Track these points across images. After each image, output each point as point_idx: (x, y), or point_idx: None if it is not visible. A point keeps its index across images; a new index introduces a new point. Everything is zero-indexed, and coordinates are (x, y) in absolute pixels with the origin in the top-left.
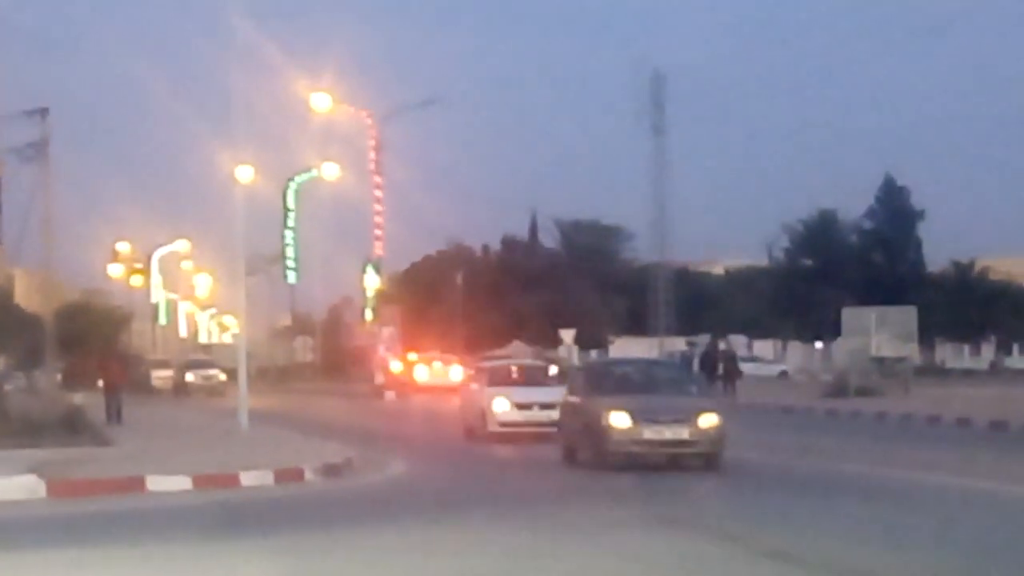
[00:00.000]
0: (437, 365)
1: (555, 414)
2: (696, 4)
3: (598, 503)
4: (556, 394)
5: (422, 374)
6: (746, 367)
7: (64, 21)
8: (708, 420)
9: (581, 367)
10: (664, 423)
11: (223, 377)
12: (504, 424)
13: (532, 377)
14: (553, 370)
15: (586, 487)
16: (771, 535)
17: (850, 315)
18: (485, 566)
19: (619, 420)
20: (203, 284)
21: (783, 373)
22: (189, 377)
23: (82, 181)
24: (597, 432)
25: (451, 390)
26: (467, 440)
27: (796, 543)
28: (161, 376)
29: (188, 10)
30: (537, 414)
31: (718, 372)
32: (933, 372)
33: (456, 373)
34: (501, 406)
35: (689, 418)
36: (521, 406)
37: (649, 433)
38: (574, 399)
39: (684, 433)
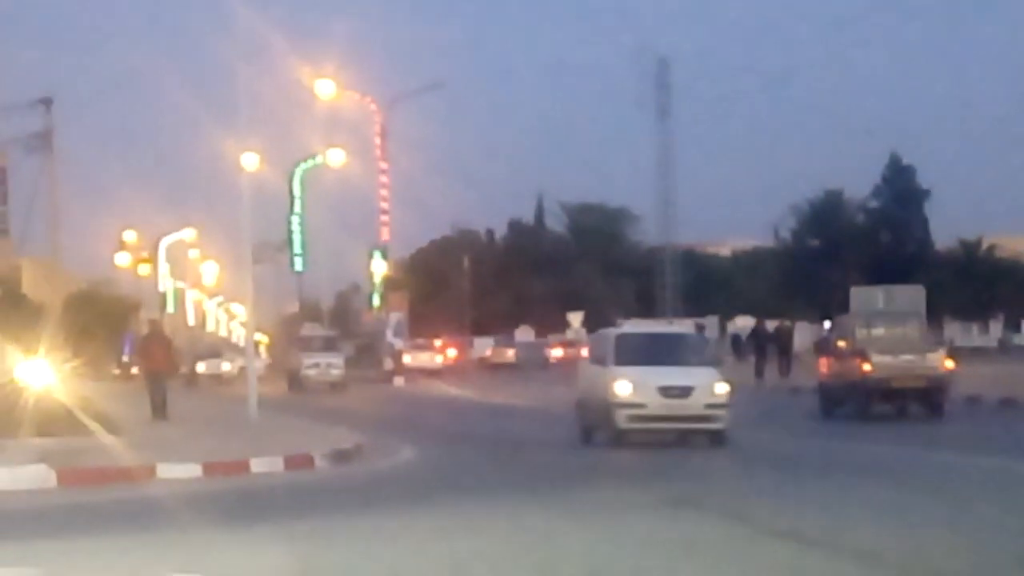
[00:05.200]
0: (423, 351)
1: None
2: None
3: (607, 485)
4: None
5: (408, 358)
6: None
7: (67, 11)
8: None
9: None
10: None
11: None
12: None
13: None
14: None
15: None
16: (779, 515)
17: (858, 294)
18: (491, 548)
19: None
20: (210, 272)
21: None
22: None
23: (87, 171)
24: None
25: (434, 373)
26: None
27: (804, 522)
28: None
29: None
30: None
31: (766, 352)
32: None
33: (438, 358)
34: None
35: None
36: None
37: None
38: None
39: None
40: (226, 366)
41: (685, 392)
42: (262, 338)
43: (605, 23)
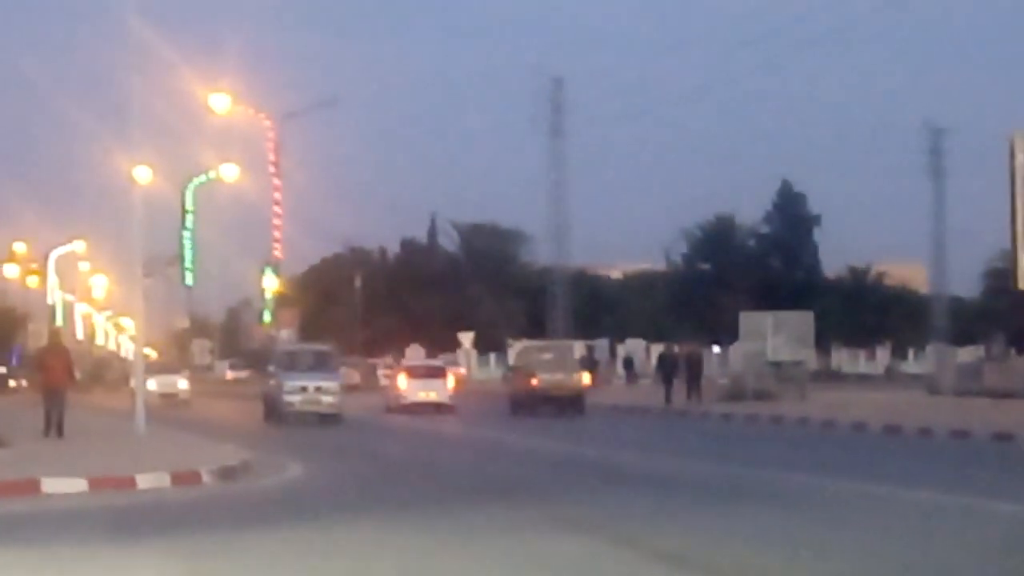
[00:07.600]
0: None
1: None
2: (594, 11)
3: (496, 504)
4: None
5: None
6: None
7: None
8: None
9: None
10: None
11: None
12: None
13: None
14: None
15: (484, 488)
16: (667, 538)
17: (747, 319)
18: (379, 569)
19: None
20: (100, 286)
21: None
22: None
23: None
24: None
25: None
26: None
27: (691, 546)
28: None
29: (84, 10)
30: None
31: (676, 376)
32: (829, 377)
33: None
34: None
35: None
36: None
37: None
38: None
39: None
40: (182, 384)
41: None
42: (151, 352)
43: (500, 42)
